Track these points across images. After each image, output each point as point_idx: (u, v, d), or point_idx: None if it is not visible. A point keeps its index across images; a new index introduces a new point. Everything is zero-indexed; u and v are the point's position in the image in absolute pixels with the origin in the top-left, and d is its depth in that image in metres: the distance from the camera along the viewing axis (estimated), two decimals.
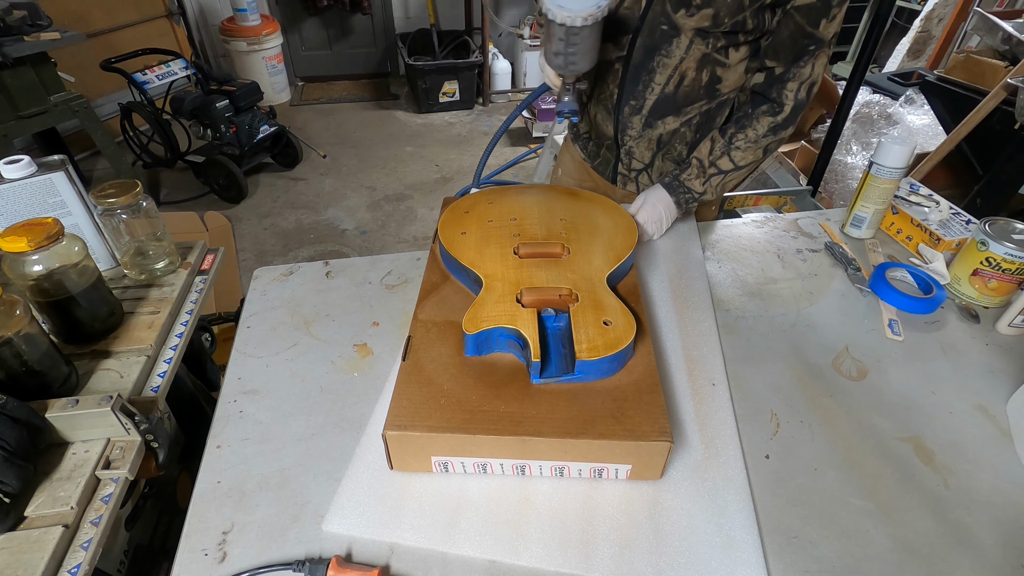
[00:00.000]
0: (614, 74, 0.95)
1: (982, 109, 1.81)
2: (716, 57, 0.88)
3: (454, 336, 0.68)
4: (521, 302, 0.67)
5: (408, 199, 3.00)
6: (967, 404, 0.72)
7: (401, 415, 0.57)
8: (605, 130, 1.04)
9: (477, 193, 0.89)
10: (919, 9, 3.41)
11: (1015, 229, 0.85)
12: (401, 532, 0.56)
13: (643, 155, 1.04)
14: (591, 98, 1.04)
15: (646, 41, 0.89)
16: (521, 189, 0.92)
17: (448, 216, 0.84)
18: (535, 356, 0.60)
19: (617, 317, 0.66)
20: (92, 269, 0.75)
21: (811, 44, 0.81)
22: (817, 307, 0.87)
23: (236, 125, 2.81)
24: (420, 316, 0.71)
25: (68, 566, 0.54)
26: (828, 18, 0.79)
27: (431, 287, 0.76)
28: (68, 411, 0.61)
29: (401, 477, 0.60)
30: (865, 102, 2.46)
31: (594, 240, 0.80)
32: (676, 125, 0.97)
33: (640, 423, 0.57)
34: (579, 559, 0.54)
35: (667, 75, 0.90)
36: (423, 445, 0.57)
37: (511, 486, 0.60)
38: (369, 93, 4.29)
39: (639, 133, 1.00)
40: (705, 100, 0.94)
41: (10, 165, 0.78)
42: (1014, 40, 1.98)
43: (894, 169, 0.95)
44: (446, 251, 0.77)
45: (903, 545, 0.57)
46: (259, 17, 3.71)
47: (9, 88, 2.19)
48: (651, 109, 0.95)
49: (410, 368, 0.63)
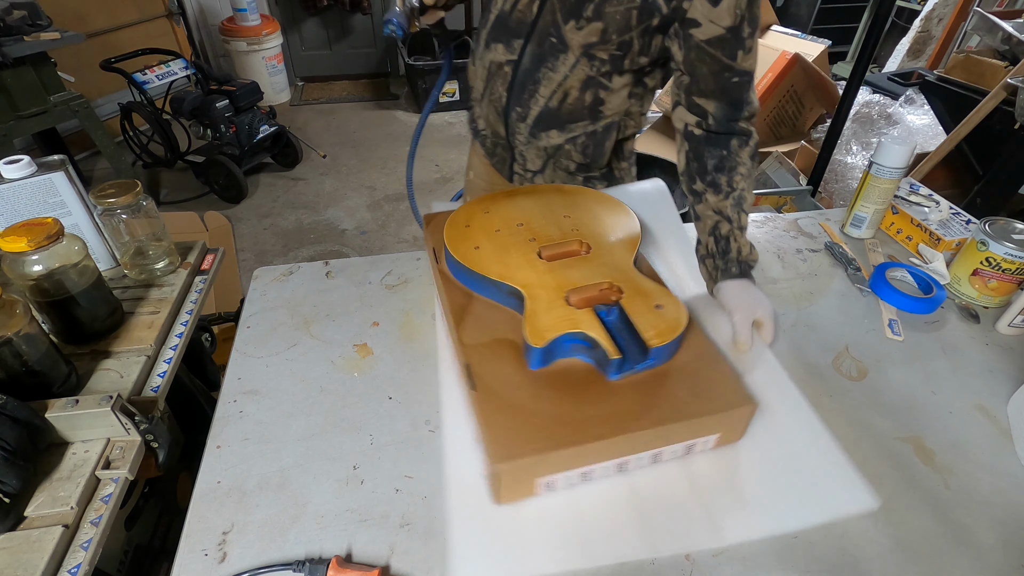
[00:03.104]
0: (503, 77, 0.95)
1: (982, 109, 1.81)
2: (600, 80, 0.88)
3: (509, 353, 0.65)
4: (571, 304, 0.66)
5: (408, 199, 3.00)
6: (967, 404, 0.72)
7: (503, 445, 0.54)
8: (498, 130, 1.04)
9: (466, 206, 0.85)
10: (919, 9, 3.41)
11: (1015, 229, 0.85)
12: (536, 565, 0.53)
13: (535, 161, 1.03)
14: (483, 96, 1.03)
15: (535, 50, 0.89)
16: (509, 194, 0.89)
17: (451, 233, 0.78)
18: (613, 353, 0.60)
19: (665, 299, 0.67)
20: (92, 269, 0.75)
21: (734, 76, 0.78)
22: (817, 307, 0.87)
23: (236, 125, 2.81)
24: (466, 340, 0.67)
25: (68, 566, 0.54)
26: (744, 50, 0.76)
27: (460, 309, 0.72)
28: (68, 411, 0.61)
29: (510, 510, 0.58)
30: (865, 102, 2.46)
31: (605, 231, 0.79)
32: (561, 141, 0.97)
33: (721, 394, 0.61)
34: (709, 531, 0.56)
35: (551, 89, 0.90)
36: (531, 469, 0.55)
37: (615, 484, 0.60)
38: (369, 93, 4.29)
39: (527, 140, 0.99)
40: (589, 120, 0.93)
41: (10, 165, 0.79)
42: (1014, 40, 1.98)
43: (894, 169, 0.95)
44: (466, 268, 0.73)
45: (903, 545, 0.57)
46: (259, 17, 3.70)
47: (9, 88, 2.18)
48: (535, 120, 0.95)
49: (485, 396, 0.60)
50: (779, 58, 2.31)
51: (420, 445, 0.65)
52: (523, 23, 0.88)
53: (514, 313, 0.70)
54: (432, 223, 0.88)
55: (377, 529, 0.57)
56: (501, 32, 0.92)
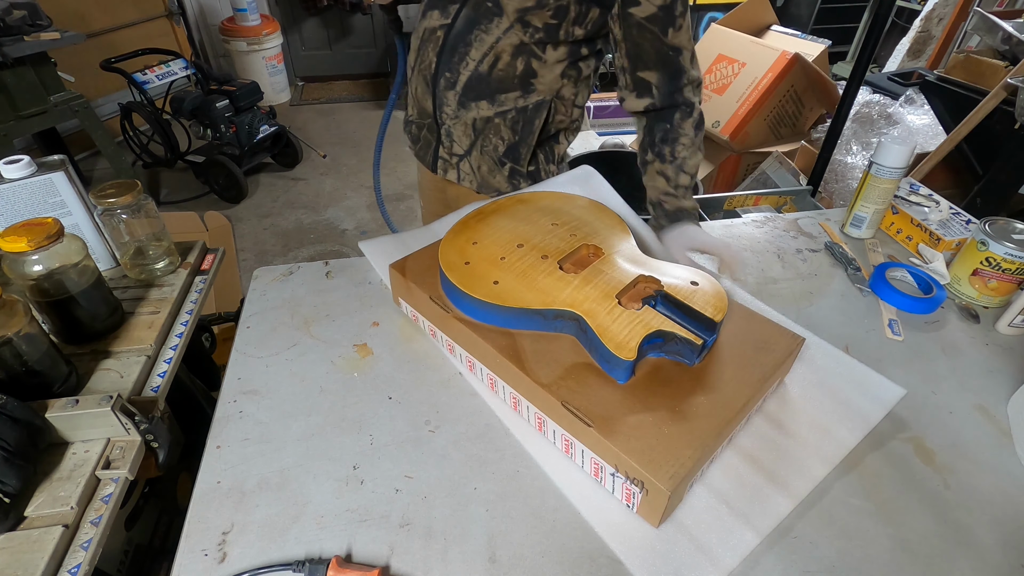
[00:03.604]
0: (435, 42, 0.95)
1: (982, 109, 1.81)
2: (533, 49, 0.90)
3: (590, 377, 0.62)
4: (626, 307, 0.65)
5: (408, 199, 3.00)
6: (967, 404, 0.72)
7: (662, 467, 0.53)
8: (425, 105, 1.03)
9: (448, 242, 0.76)
10: (919, 9, 3.41)
11: (1015, 229, 0.85)
12: (726, 559, 0.55)
13: (462, 141, 1.02)
14: (413, 69, 1.03)
15: (470, 13, 0.90)
16: (480, 219, 0.81)
17: (458, 276, 0.70)
18: (696, 339, 0.61)
19: (693, 275, 0.69)
20: (92, 269, 0.75)
21: (671, 51, 0.86)
22: (817, 307, 0.87)
23: (236, 125, 2.81)
24: (544, 381, 0.61)
25: (68, 566, 0.54)
26: (675, 27, 0.85)
27: (511, 351, 0.65)
28: (68, 411, 0.61)
29: (670, 525, 0.58)
30: (865, 102, 2.46)
31: (597, 227, 0.79)
32: (490, 113, 0.97)
33: (776, 342, 0.67)
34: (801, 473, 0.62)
35: (482, 52, 0.91)
36: (689, 478, 0.55)
37: (728, 457, 0.63)
38: (369, 93, 4.29)
39: (455, 112, 0.99)
40: (519, 92, 0.94)
41: (10, 165, 0.78)
42: (1014, 40, 1.98)
43: (894, 169, 0.95)
44: (497, 307, 0.66)
45: (903, 545, 0.57)
46: (259, 17, 3.71)
47: (9, 88, 2.19)
48: (464, 86, 0.95)
49: (607, 428, 0.57)
50: (779, 58, 2.31)
51: (420, 445, 0.65)
52: None
53: (567, 337, 0.67)
54: (407, 269, 0.78)
55: (377, 529, 0.57)
56: None
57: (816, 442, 0.64)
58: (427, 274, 0.77)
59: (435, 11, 0.94)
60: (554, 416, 0.61)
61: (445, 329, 0.74)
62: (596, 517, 0.58)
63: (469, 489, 0.61)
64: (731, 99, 2.38)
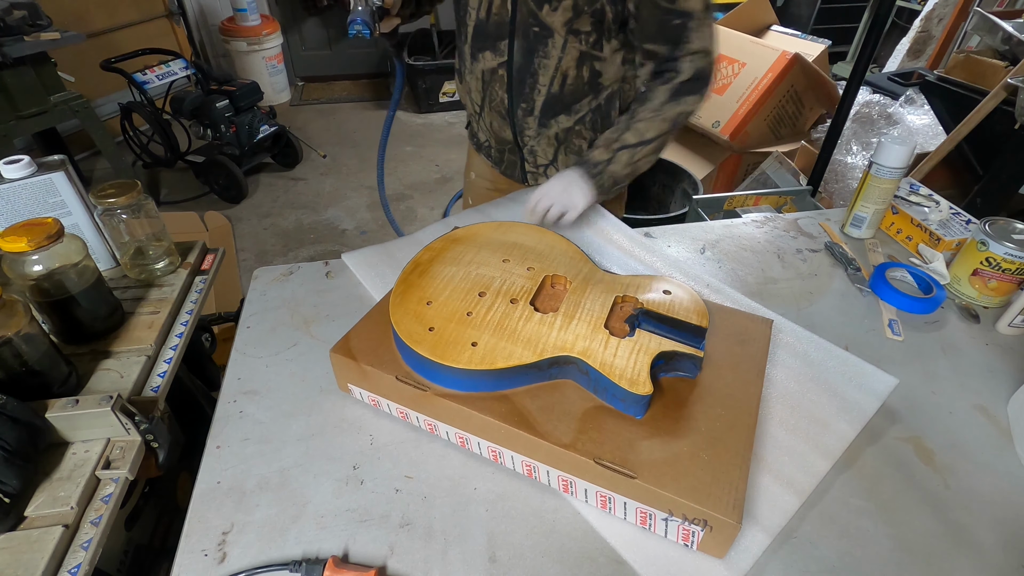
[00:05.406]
0: (500, 80, 0.98)
1: (982, 109, 1.81)
2: (592, 53, 0.91)
3: (608, 422, 0.58)
4: (616, 336, 0.62)
5: (408, 199, 3.00)
6: (967, 404, 0.72)
7: (723, 502, 0.51)
8: (504, 135, 1.06)
9: (396, 307, 0.67)
10: (919, 9, 3.40)
11: (1015, 229, 0.85)
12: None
13: (546, 152, 1.06)
14: (481, 107, 1.05)
15: (523, 44, 0.91)
16: (423, 270, 0.72)
17: (430, 348, 0.61)
18: (698, 352, 0.61)
19: (661, 284, 0.69)
20: (92, 269, 0.75)
21: (677, 19, 0.83)
22: (817, 307, 0.87)
23: (236, 125, 2.81)
24: (565, 441, 0.56)
25: (68, 566, 0.54)
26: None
27: (515, 417, 0.58)
28: (68, 411, 0.61)
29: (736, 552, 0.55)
30: (865, 102, 2.46)
31: (549, 255, 0.75)
32: (570, 123, 1.00)
33: (753, 331, 0.70)
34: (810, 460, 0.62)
35: (550, 76, 0.93)
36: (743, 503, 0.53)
37: None
38: (369, 93, 4.29)
39: (536, 132, 1.02)
40: (591, 95, 0.96)
41: (10, 165, 0.79)
42: (1014, 40, 1.98)
43: (894, 169, 0.95)
44: (485, 372, 0.59)
45: (903, 545, 0.56)
46: (259, 17, 3.71)
47: (9, 88, 2.19)
48: (542, 109, 0.98)
49: (650, 474, 0.53)
50: (779, 58, 2.31)
51: (420, 445, 0.65)
52: (502, 24, 0.90)
53: (565, 382, 0.62)
54: (355, 350, 0.66)
55: (377, 529, 0.57)
56: (483, 40, 0.94)
57: (816, 436, 0.64)
58: (381, 350, 0.66)
59: (486, 52, 0.96)
60: (586, 476, 0.55)
61: (424, 410, 0.64)
62: (648, 569, 0.54)
63: (469, 489, 0.61)
64: (731, 99, 2.38)
